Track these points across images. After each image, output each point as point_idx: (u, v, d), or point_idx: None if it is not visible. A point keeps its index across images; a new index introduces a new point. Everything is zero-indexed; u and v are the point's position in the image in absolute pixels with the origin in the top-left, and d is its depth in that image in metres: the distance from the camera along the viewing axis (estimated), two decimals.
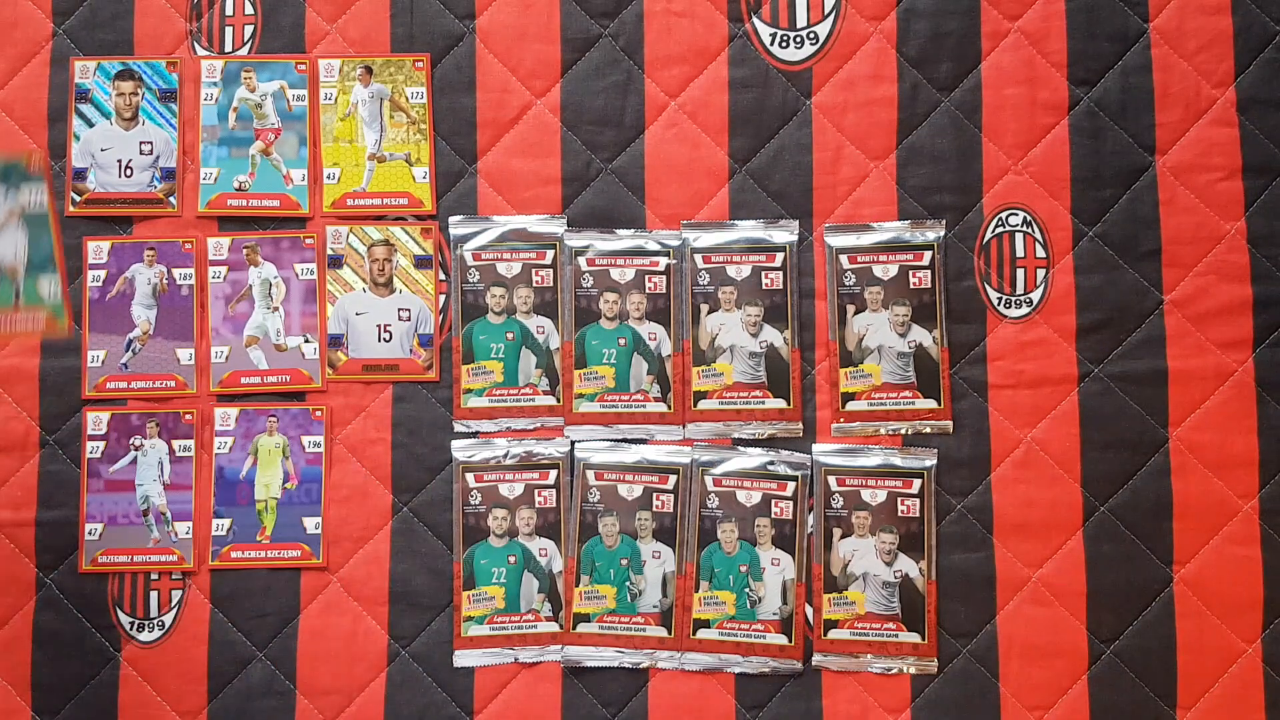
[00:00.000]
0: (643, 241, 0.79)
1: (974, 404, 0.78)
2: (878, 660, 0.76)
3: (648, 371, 0.78)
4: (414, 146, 0.80)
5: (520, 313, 0.78)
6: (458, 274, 0.78)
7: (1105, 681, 0.76)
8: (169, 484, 0.77)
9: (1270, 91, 0.80)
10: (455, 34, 0.81)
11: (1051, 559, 0.77)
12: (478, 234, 0.78)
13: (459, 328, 0.78)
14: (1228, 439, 0.78)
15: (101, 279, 0.79)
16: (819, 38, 0.80)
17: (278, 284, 0.79)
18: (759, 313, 0.79)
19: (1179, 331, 0.79)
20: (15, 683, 0.76)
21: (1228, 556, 0.77)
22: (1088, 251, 0.79)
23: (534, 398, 0.78)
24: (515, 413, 0.78)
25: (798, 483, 0.77)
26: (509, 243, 0.79)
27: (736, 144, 0.80)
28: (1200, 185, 0.79)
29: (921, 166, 0.80)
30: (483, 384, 0.78)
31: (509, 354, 0.78)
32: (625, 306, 0.79)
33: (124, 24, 0.81)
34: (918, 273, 0.79)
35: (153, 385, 0.78)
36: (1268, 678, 0.76)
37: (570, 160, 0.80)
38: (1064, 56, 0.80)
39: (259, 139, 0.80)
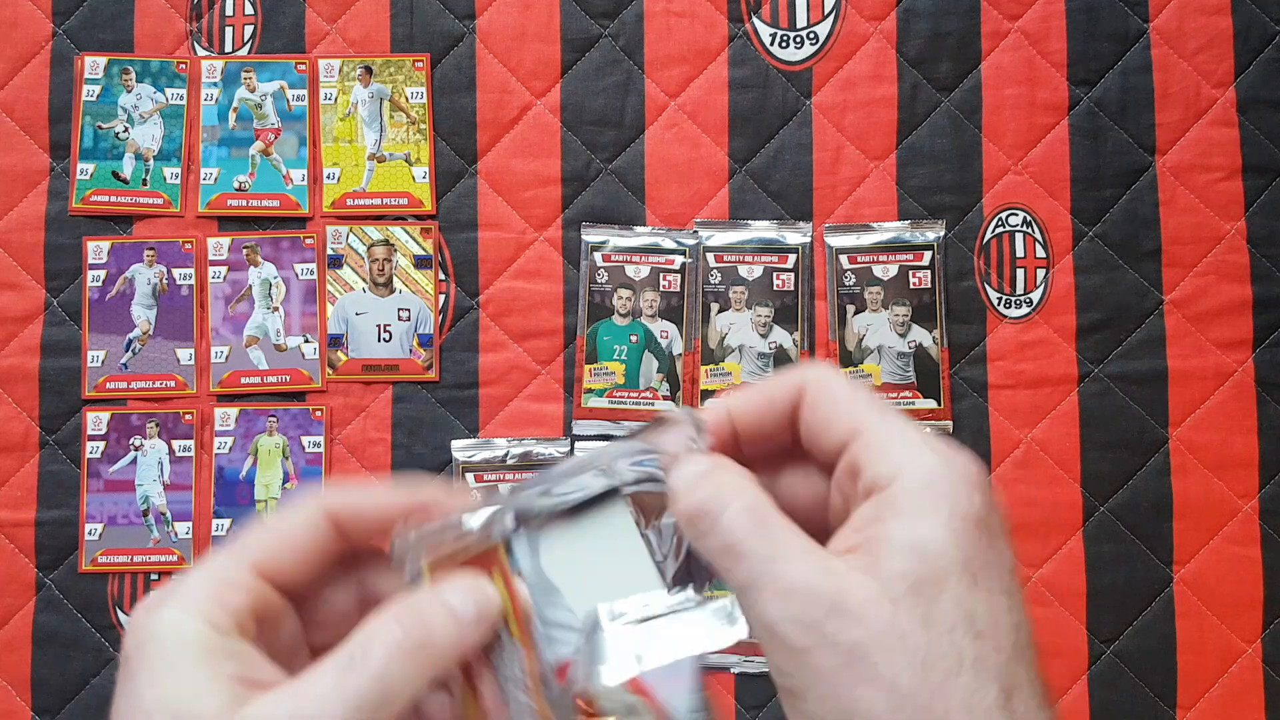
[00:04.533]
0: (659, 239, 0.79)
1: (974, 404, 0.78)
2: None
3: (658, 370, 0.78)
4: (414, 146, 0.80)
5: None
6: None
7: (1105, 681, 0.76)
8: (169, 484, 0.77)
9: (1270, 91, 0.80)
10: (455, 34, 0.81)
11: (1051, 559, 0.77)
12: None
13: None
14: (1228, 439, 0.78)
15: (101, 279, 0.79)
16: (819, 38, 0.80)
17: (278, 284, 0.79)
18: (769, 313, 0.79)
19: (1179, 331, 0.79)
20: (15, 683, 0.76)
21: (1228, 556, 0.77)
22: (1088, 251, 0.79)
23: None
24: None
25: None
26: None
27: (736, 144, 0.80)
28: (1200, 185, 0.79)
29: (921, 166, 0.80)
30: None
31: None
32: (638, 304, 0.79)
33: (124, 24, 0.81)
34: (918, 273, 0.79)
35: (153, 385, 0.78)
36: (1268, 678, 0.76)
37: (570, 160, 0.80)
38: (1064, 56, 0.80)
39: (259, 139, 0.80)
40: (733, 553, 0.27)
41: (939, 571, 0.26)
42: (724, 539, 0.27)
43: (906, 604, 0.25)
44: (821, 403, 0.30)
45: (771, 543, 0.27)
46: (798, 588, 0.26)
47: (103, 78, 0.80)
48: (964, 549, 0.26)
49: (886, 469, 0.27)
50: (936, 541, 0.26)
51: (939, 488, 0.27)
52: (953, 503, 0.27)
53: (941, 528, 0.26)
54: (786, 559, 0.26)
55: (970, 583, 0.26)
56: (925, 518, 0.26)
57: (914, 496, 0.27)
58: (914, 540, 0.26)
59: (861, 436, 0.28)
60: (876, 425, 0.28)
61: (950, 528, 0.26)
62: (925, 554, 0.26)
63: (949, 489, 0.27)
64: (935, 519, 0.26)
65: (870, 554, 0.26)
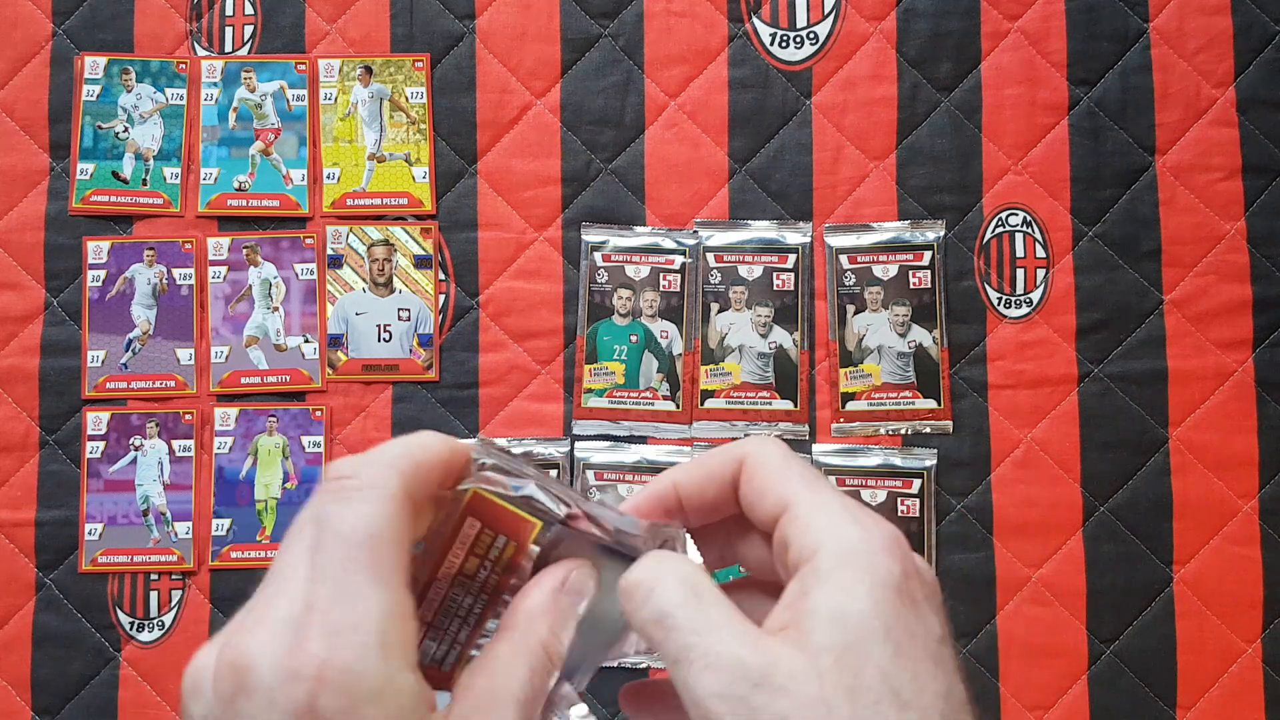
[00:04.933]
0: (659, 239, 0.79)
1: (974, 404, 0.78)
2: None
3: (658, 370, 0.78)
4: (414, 146, 0.80)
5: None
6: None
7: (1105, 681, 0.76)
8: (169, 484, 0.77)
9: (1270, 91, 0.80)
10: (455, 34, 0.81)
11: (1051, 559, 0.77)
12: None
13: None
14: (1228, 439, 0.78)
15: (101, 279, 0.79)
16: (819, 38, 0.80)
17: (278, 284, 0.79)
18: (769, 313, 0.79)
19: (1179, 331, 0.79)
20: (15, 683, 0.76)
21: (1228, 556, 0.77)
22: (1088, 251, 0.79)
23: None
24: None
25: None
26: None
27: (736, 144, 0.80)
28: (1200, 185, 0.79)
29: (921, 166, 0.80)
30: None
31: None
32: (638, 304, 0.79)
33: (124, 24, 0.81)
34: (918, 273, 0.79)
35: (153, 385, 0.78)
36: (1268, 678, 0.76)
37: (570, 160, 0.80)
38: (1064, 56, 0.80)
39: (259, 139, 0.80)
40: (664, 625, 0.27)
41: (862, 642, 0.26)
42: (657, 610, 0.28)
43: (832, 676, 0.26)
44: (756, 476, 0.30)
45: (703, 616, 0.27)
46: (725, 661, 0.26)
47: (103, 78, 0.80)
48: (885, 618, 0.26)
49: (810, 542, 0.28)
50: (857, 611, 0.26)
51: (858, 558, 0.27)
52: (871, 573, 0.27)
53: (862, 598, 0.27)
54: (715, 632, 0.27)
55: (894, 652, 0.26)
56: (846, 589, 0.27)
57: (835, 568, 0.27)
58: (836, 611, 0.26)
59: (789, 510, 0.29)
60: (803, 499, 0.29)
61: (871, 597, 0.27)
62: (847, 625, 0.26)
63: (867, 559, 0.27)
64: (856, 589, 0.27)
65: (797, 628, 0.27)
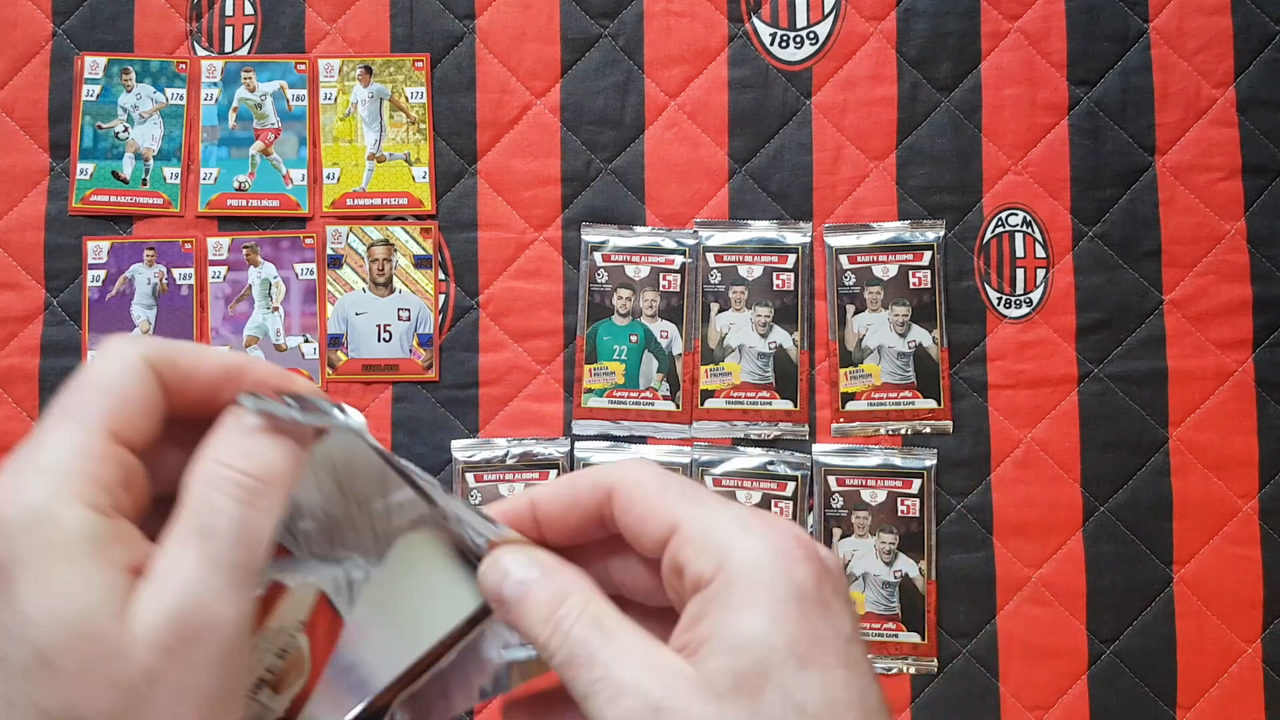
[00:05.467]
0: (659, 239, 0.79)
1: (974, 404, 0.78)
2: (878, 660, 0.76)
3: (658, 370, 0.78)
4: (414, 146, 0.80)
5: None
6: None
7: (1105, 681, 0.76)
8: None
9: (1270, 91, 0.80)
10: (455, 34, 0.81)
11: (1051, 559, 0.77)
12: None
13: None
14: (1228, 439, 0.78)
15: (101, 279, 0.79)
16: (819, 38, 0.80)
17: (278, 284, 0.79)
18: (769, 313, 0.79)
19: (1179, 331, 0.79)
20: None
21: (1228, 556, 0.77)
22: (1088, 251, 0.79)
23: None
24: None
25: (797, 483, 0.77)
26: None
27: (736, 144, 0.80)
28: (1200, 185, 0.79)
29: (921, 166, 0.80)
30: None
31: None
32: (638, 304, 0.79)
33: (124, 24, 0.81)
34: (917, 273, 0.79)
35: None
36: (1268, 678, 0.76)
37: (570, 160, 0.80)
38: (1064, 56, 0.80)
39: (259, 139, 0.80)
40: (574, 665, 0.27)
41: (763, 663, 0.25)
42: (568, 655, 0.27)
43: (730, 701, 0.25)
44: (634, 504, 0.29)
45: (609, 649, 0.27)
46: (628, 689, 0.26)
47: (103, 78, 0.80)
48: (788, 633, 0.26)
49: (707, 564, 0.27)
50: (757, 633, 0.26)
51: (758, 573, 0.26)
52: (771, 587, 0.26)
53: (761, 616, 0.26)
54: (620, 663, 0.26)
55: (798, 667, 0.25)
56: (745, 610, 0.26)
57: (734, 588, 0.26)
58: (735, 636, 0.26)
59: (679, 533, 0.28)
60: (691, 519, 0.28)
61: (770, 614, 0.26)
62: (746, 648, 0.26)
63: (768, 572, 0.26)
64: (755, 608, 0.26)
65: (696, 653, 0.26)
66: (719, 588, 0.26)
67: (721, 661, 0.26)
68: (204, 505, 0.26)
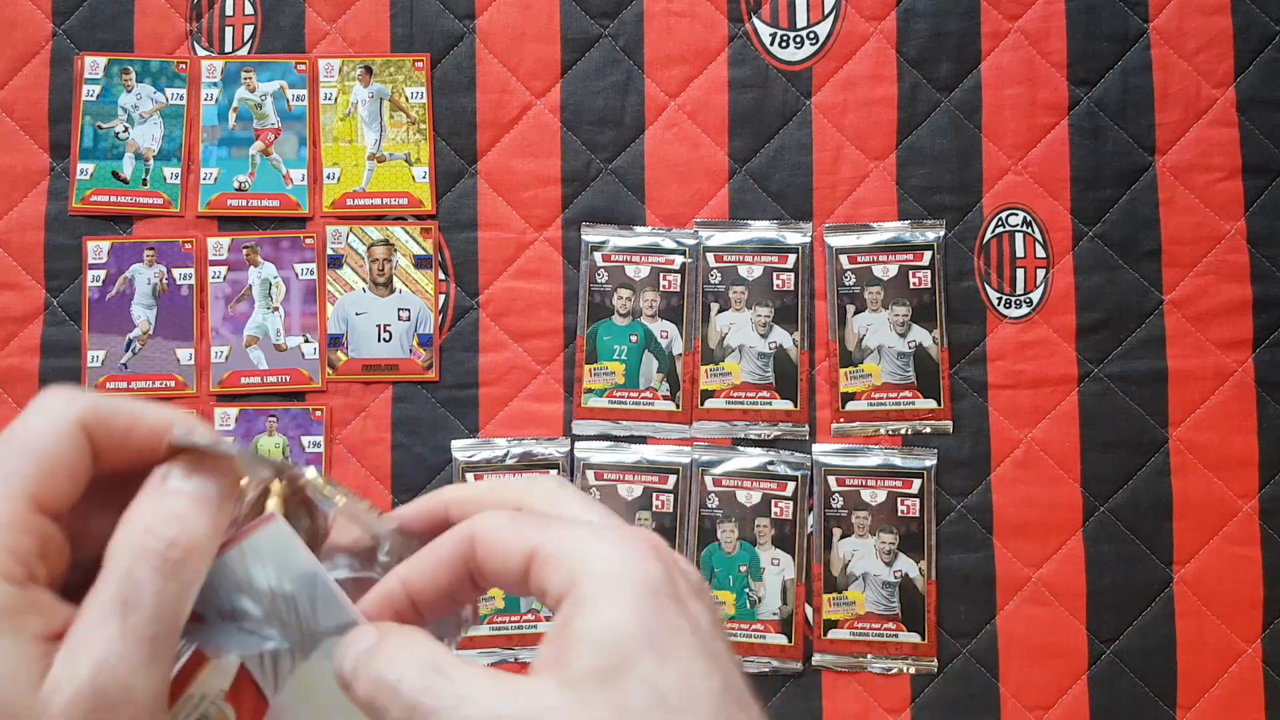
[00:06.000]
0: (659, 239, 0.79)
1: (974, 404, 0.78)
2: (878, 660, 0.76)
3: (658, 370, 0.78)
4: (414, 146, 0.80)
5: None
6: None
7: (1105, 681, 0.76)
8: None
9: (1270, 91, 0.80)
10: (455, 34, 0.81)
11: (1051, 559, 0.77)
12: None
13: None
14: (1228, 439, 0.78)
15: (101, 279, 0.79)
16: (819, 38, 0.80)
17: (278, 284, 0.79)
18: (769, 313, 0.79)
19: (1179, 331, 0.79)
20: None
21: (1228, 556, 0.77)
22: (1088, 251, 0.79)
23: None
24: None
25: (797, 483, 0.77)
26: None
27: (736, 144, 0.80)
28: (1200, 185, 0.79)
29: (921, 166, 0.80)
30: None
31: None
32: (638, 304, 0.79)
33: (124, 24, 0.81)
34: (918, 273, 0.79)
35: (153, 385, 0.78)
36: (1268, 678, 0.76)
37: (570, 160, 0.80)
38: (1064, 56, 0.80)
39: (259, 139, 0.80)
40: (417, 712, 0.26)
41: (625, 657, 0.26)
42: (406, 704, 0.26)
43: (597, 700, 0.25)
44: (493, 546, 0.29)
45: (451, 689, 0.26)
46: (482, 711, 0.25)
47: (103, 78, 0.80)
48: (647, 625, 0.26)
49: (564, 577, 0.27)
50: (616, 627, 0.26)
51: (612, 574, 0.27)
52: (626, 583, 0.27)
53: (618, 611, 0.26)
54: (469, 698, 0.26)
55: (658, 659, 0.26)
56: (603, 608, 0.26)
57: (592, 590, 0.27)
58: (596, 632, 0.26)
59: (536, 557, 0.28)
60: (545, 541, 0.28)
61: (628, 609, 0.26)
62: (607, 643, 0.26)
63: (621, 571, 0.27)
64: (612, 606, 0.26)
65: (559, 660, 0.26)
66: (578, 594, 0.27)
67: (586, 660, 0.26)
68: (126, 577, 0.26)
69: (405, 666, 0.27)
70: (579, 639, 0.26)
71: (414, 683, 0.27)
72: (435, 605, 0.31)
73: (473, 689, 0.26)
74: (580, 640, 0.26)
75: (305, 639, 0.30)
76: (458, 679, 0.26)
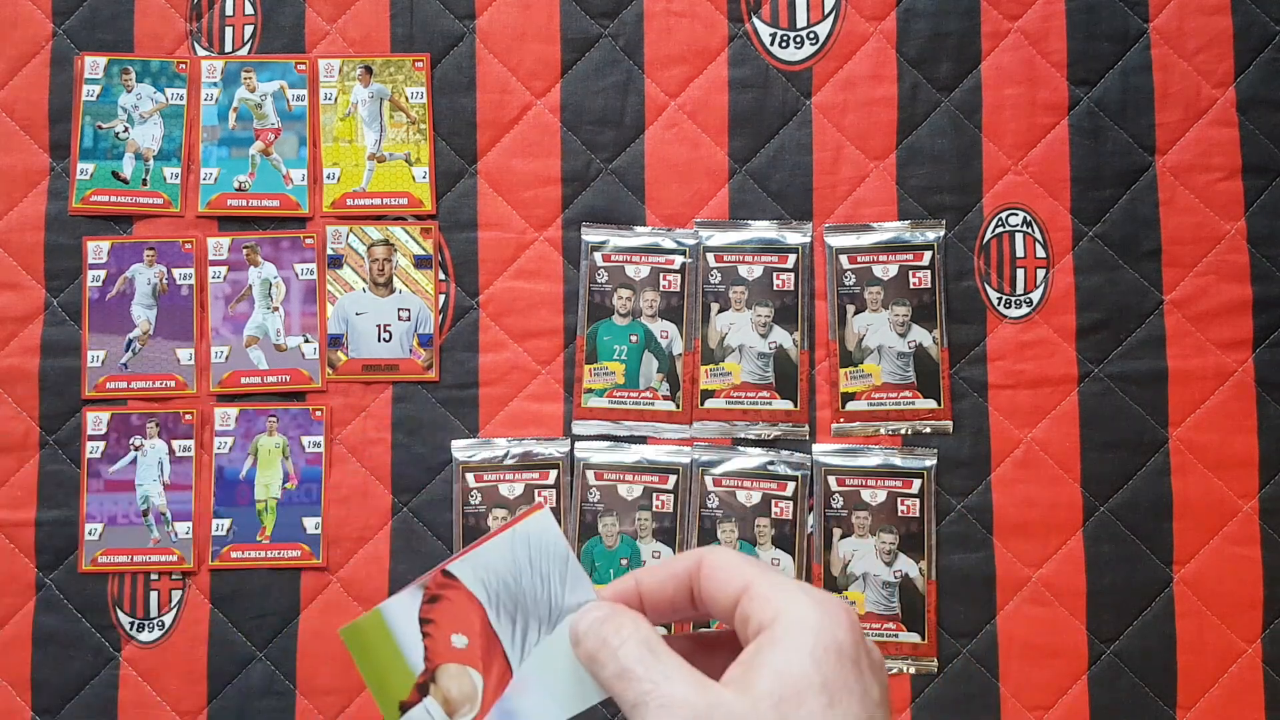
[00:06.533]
0: (659, 239, 0.79)
1: (974, 404, 0.78)
2: None
3: (658, 370, 0.78)
4: (414, 146, 0.80)
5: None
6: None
7: (1105, 681, 0.76)
8: (169, 484, 0.77)
9: (1270, 91, 0.80)
10: (455, 34, 0.81)
11: (1051, 559, 0.77)
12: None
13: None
14: (1228, 439, 0.78)
15: (101, 279, 0.79)
16: (819, 38, 0.80)
17: (278, 284, 0.79)
18: (769, 313, 0.79)
19: (1179, 331, 0.79)
20: (15, 683, 0.76)
21: (1228, 556, 0.77)
22: (1088, 251, 0.79)
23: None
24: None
25: (797, 483, 0.77)
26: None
27: (736, 144, 0.80)
28: (1200, 185, 0.79)
29: (921, 166, 0.80)
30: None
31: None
32: (638, 304, 0.79)
33: (124, 24, 0.81)
34: (918, 273, 0.79)
35: (153, 385, 0.78)
36: (1268, 678, 0.76)
37: (570, 160, 0.80)
38: (1064, 56, 0.80)
39: (259, 139, 0.80)
40: (625, 676, 0.33)
41: (800, 693, 0.31)
42: (619, 666, 0.33)
43: (769, 716, 0.30)
44: (717, 569, 0.36)
45: (659, 667, 0.33)
46: (676, 701, 0.31)
47: (103, 78, 0.80)
48: (824, 674, 0.31)
49: (769, 613, 0.33)
50: (799, 666, 0.31)
51: (808, 623, 0.32)
52: (816, 636, 0.32)
53: (804, 654, 0.32)
54: (669, 681, 0.32)
55: (828, 703, 0.31)
56: (793, 650, 0.32)
57: (786, 632, 0.32)
58: (781, 666, 0.31)
59: (749, 590, 0.34)
60: (762, 580, 0.34)
61: (813, 655, 0.31)
62: (789, 676, 0.31)
63: (816, 624, 0.32)
64: (800, 648, 0.32)
65: (745, 680, 0.32)
66: (774, 632, 0.32)
67: (767, 685, 0.31)
68: None
69: (628, 638, 0.34)
70: (765, 665, 0.32)
71: (632, 652, 0.34)
72: (657, 609, 0.37)
73: (675, 673, 0.33)
74: (765, 667, 0.32)
75: (552, 614, 0.37)
76: (666, 662, 0.33)
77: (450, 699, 0.37)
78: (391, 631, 0.38)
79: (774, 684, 0.31)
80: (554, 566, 0.38)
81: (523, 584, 0.38)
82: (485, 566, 0.38)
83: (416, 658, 0.38)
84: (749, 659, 0.32)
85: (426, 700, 0.37)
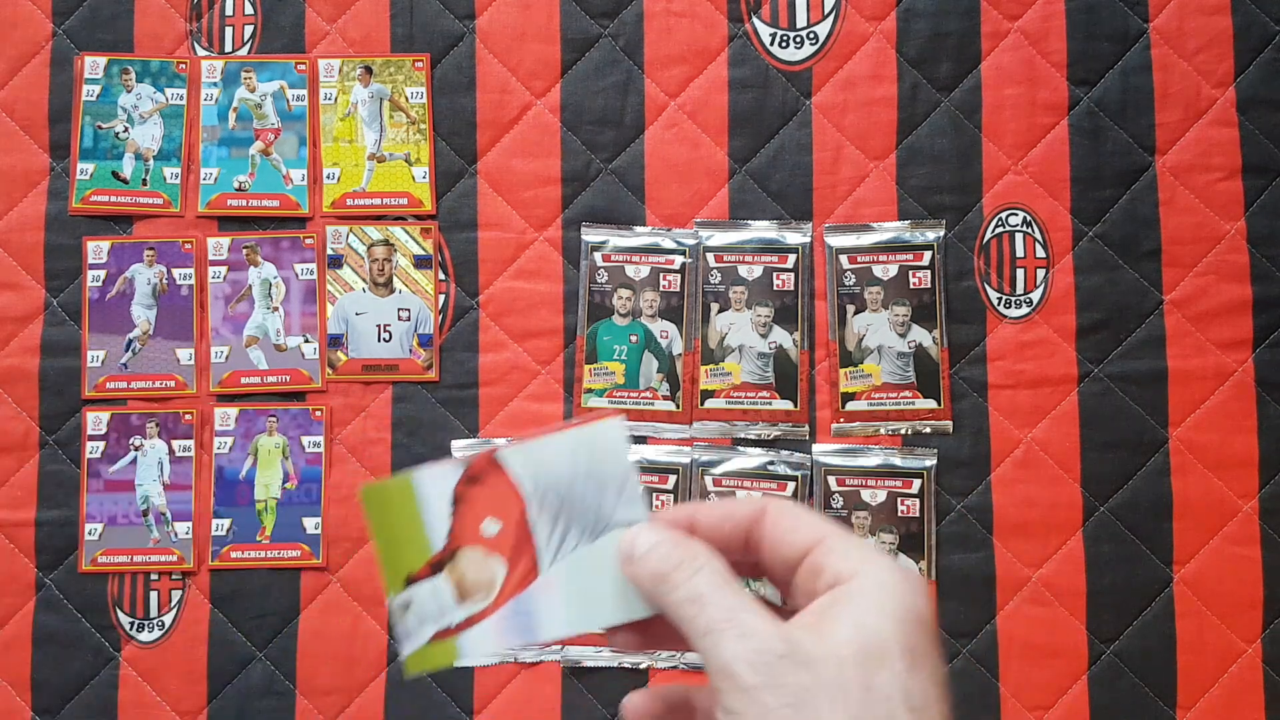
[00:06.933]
0: (659, 239, 0.79)
1: (974, 404, 0.78)
2: None
3: (658, 370, 0.78)
4: (414, 146, 0.80)
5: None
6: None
7: (1105, 681, 0.76)
8: (169, 484, 0.77)
9: (1270, 91, 0.80)
10: (455, 34, 0.81)
11: (1051, 559, 0.77)
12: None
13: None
14: (1228, 439, 0.78)
15: (101, 279, 0.79)
16: (819, 38, 0.80)
17: (277, 284, 0.79)
18: (769, 313, 0.79)
19: (1179, 331, 0.79)
20: (15, 683, 0.76)
21: (1228, 556, 0.77)
22: (1088, 251, 0.79)
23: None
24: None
25: (797, 483, 0.77)
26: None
27: (736, 144, 0.80)
28: (1200, 185, 0.79)
29: (921, 166, 0.80)
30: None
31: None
32: (638, 304, 0.79)
33: (124, 24, 0.81)
34: (917, 273, 0.79)
35: (153, 385, 0.78)
36: (1268, 678, 0.76)
37: (570, 160, 0.80)
38: (1064, 56, 0.80)
39: (259, 139, 0.80)
40: (700, 602, 0.32)
41: (884, 649, 0.30)
42: (694, 590, 0.32)
43: (852, 666, 0.29)
44: (785, 518, 0.35)
45: (737, 599, 0.32)
46: (756, 631, 0.30)
47: (103, 78, 0.80)
48: (907, 636, 0.30)
49: (847, 568, 0.32)
50: (883, 627, 0.30)
51: (891, 586, 0.31)
52: (899, 600, 0.31)
53: (888, 617, 0.31)
54: (747, 610, 0.31)
55: (910, 665, 0.30)
56: (873, 608, 0.31)
57: (867, 590, 0.31)
58: (864, 621, 0.30)
59: (824, 543, 0.33)
60: (837, 535, 0.33)
61: (896, 617, 0.31)
62: (870, 631, 0.30)
63: (898, 589, 0.31)
64: (883, 609, 0.31)
65: (821, 627, 0.31)
66: (854, 586, 0.31)
67: (847, 634, 0.30)
68: None
69: (704, 565, 0.33)
70: (844, 618, 0.31)
71: (708, 579, 0.32)
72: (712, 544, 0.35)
73: (753, 605, 0.31)
74: (845, 619, 0.31)
75: (597, 524, 0.36)
76: (742, 594, 0.32)
77: (465, 583, 0.36)
78: (419, 501, 0.36)
79: (855, 635, 0.30)
80: (612, 478, 0.36)
81: (575, 488, 0.36)
82: (540, 461, 0.36)
83: (439, 534, 0.36)
84: (823, 608, 0.31)
85: (438, 578, 0.36)
